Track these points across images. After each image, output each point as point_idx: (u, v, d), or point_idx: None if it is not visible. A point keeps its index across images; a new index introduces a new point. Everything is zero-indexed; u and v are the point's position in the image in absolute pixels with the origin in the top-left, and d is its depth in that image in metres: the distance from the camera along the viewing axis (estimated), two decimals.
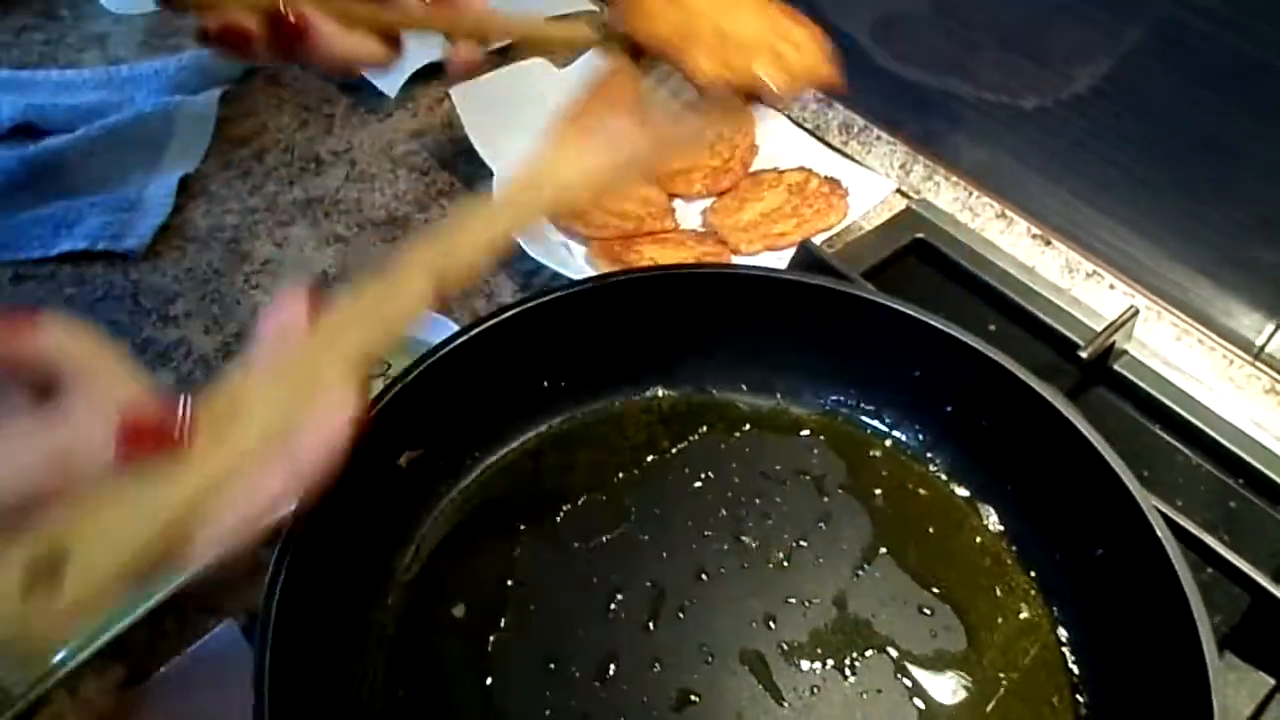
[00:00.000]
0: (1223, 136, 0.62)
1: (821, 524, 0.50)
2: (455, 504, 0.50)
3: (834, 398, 0.54)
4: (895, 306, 0.50)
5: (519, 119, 0.76)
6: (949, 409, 0.52)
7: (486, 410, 0.51)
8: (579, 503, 0.50)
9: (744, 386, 0.55)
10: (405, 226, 0.73)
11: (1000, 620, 0.47)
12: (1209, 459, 0.61)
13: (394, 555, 0.47)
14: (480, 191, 0.75)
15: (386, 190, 0.75)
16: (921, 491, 0.51)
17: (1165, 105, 0.64)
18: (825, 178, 0.73)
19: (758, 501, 0.50)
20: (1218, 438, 0.61)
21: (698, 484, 0.51)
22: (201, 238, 0.72)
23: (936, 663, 0.45)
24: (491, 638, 0.45)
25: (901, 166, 0.77)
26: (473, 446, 0.51)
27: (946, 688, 0.44)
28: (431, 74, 0.82)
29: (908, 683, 0.44)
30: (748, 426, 0.54)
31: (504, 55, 0.78)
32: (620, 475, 0.51)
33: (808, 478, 0.51)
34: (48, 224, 0.71)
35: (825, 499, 0.51)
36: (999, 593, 0.48)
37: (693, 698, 0.43)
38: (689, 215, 0.73)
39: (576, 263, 0.67)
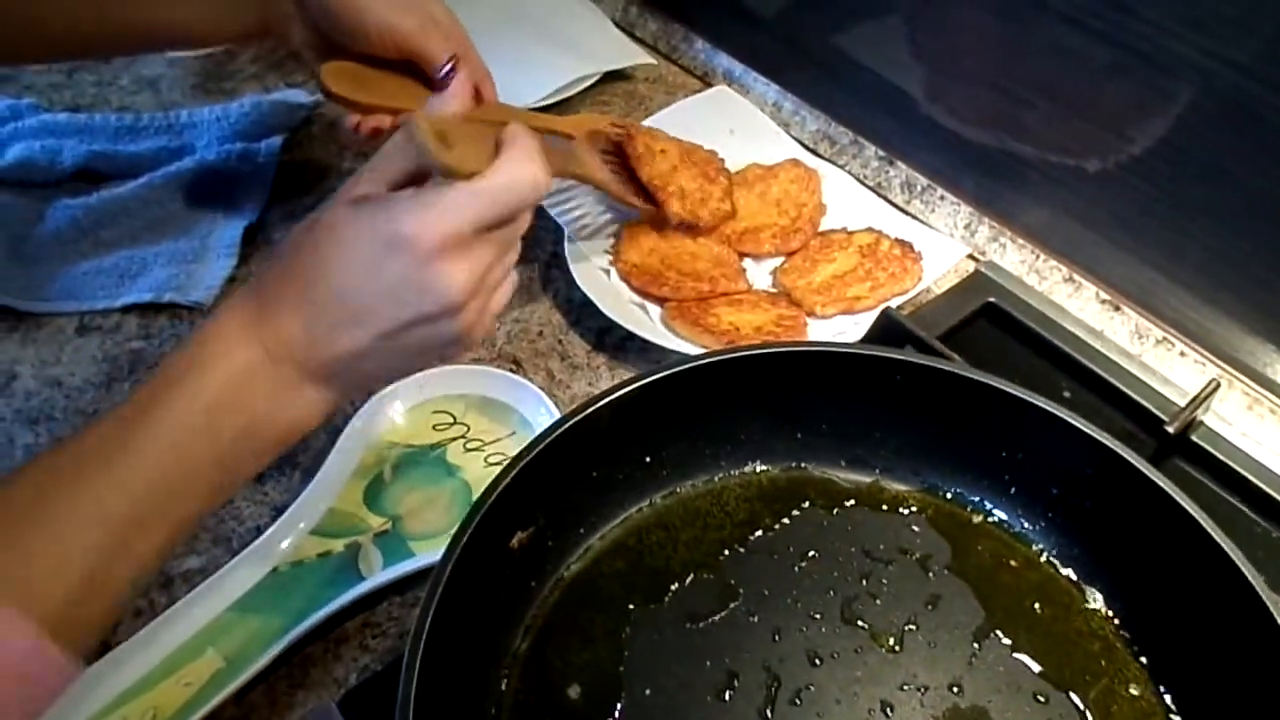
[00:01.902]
0: None
1: (930, 606, 0.49)
2: (564, 583, 0.49)
3: (933, 475, 0.54)
4: (1002, 388, 0.50)
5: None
6: (1054, 490, 0.51)
7: (592, 489, 0.51)
8: (687, 582, 0.50)
9: (842, 462, 0.54)
10: None
11: (1114, 708, 0.46)
12: None
13: (507, 636, 0.47)
14: (547, 248, 0.75)
15: None
16: (1027, 573, 0.51)
17: (1228, 171, 0.64)
18: (896, 239, 0.73)
19: (864, 582, 0.50)
20: None
21: (803, 563, 0.51)
22: None
23: None
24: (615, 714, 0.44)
25: (966, 226, 0.78)
26: (579, 525, 0.50)
27: None
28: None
29: None
30: (848, 503, 0.53)
31: None
32: (725, 553, 0.51)
33: (912, 557, 0.51)
34: (112, 274, 0.70)
35: (931, 579, 0.50)
36: (1111, 678, 0.47)
37: None
38: (759, 275, 0.73)
39: (653, 324, 0.67)
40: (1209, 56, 0.62)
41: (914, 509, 0.53)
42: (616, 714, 0.45)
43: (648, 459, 0.52)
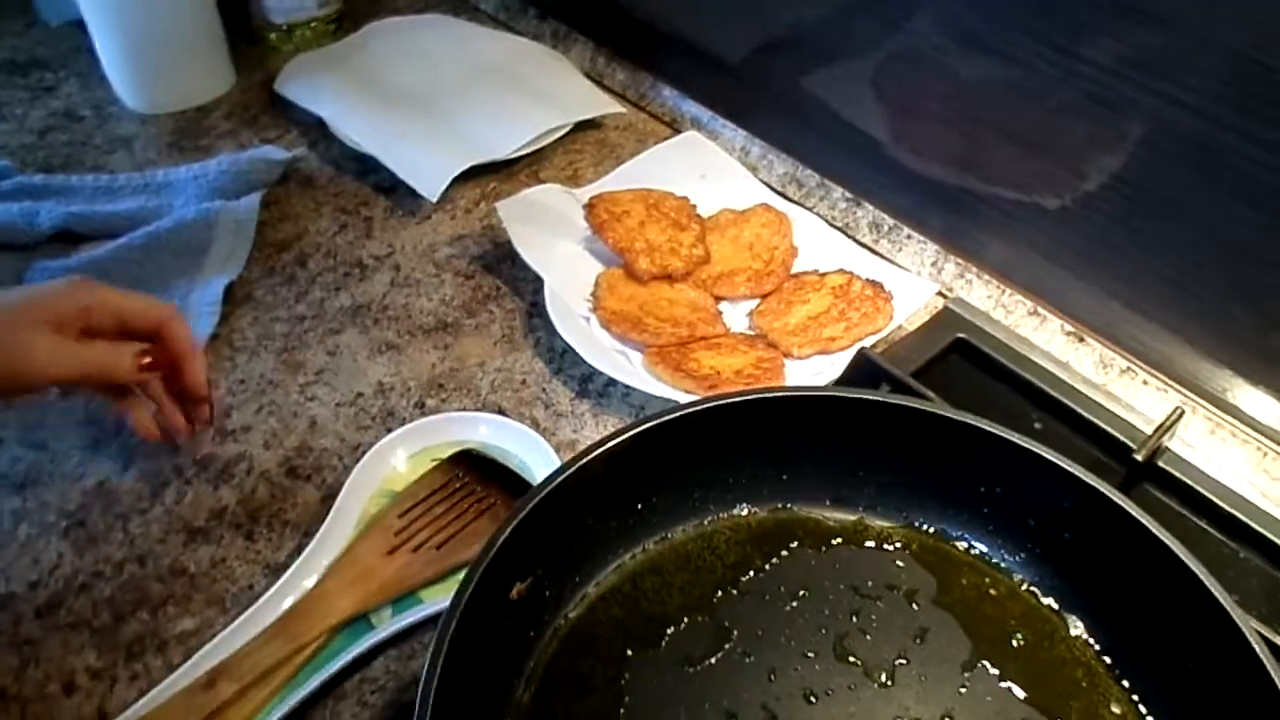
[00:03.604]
0: (1238, 234, 0.65)
1: (918, 639, 0.51)
2: (563, 632, 0.50)
3: (916, 512, 0.56)
4: (978, 425, 0.52)
5: (560, 229, 0.77)
6: (1031, 522, 0.53)
7: (587, 538, 0.52)
8: (682, 625, 0.51)
9: (827, 501, 0.56)
10: (457, 332, 0.73)
11: None
12: (1256, 552, 0.63)
13: (509, 686, 0.47)
14: (527, 297, 0.76)
15: (434, 295, 0.76)
16: (1010, 603, 0.52)
17: (1184, 205, 0.67)
18: (867, 280, 0.75)
19: (854, 619, 0.51)
20: (1263, 531, 0.63)
21: (794, 602, 0.52)
22: (251, 347, 0.71)
23: None
24: None
25: (933, 264, 0.80)
26: (575, 574, 0.51)
27: None
28: (466, 176, 0.84)
29: None
30: (835, 541, 0.55)
31: None
32: (719, 595, 0.52)
33: (899, 592, 0.53)
34: None
35: (918, 612, 0.52)
36: (1094, 701, 0.49)
37: None
38: (736, 318, 0.75)
39: (634, 370, 0.68)
40: (1159, 97, 0.65)
41: (898, 545, 0.55)
42: None
43: (639, 506, 0.53)
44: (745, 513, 0.56)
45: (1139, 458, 0.63)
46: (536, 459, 0.62)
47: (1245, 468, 0.68)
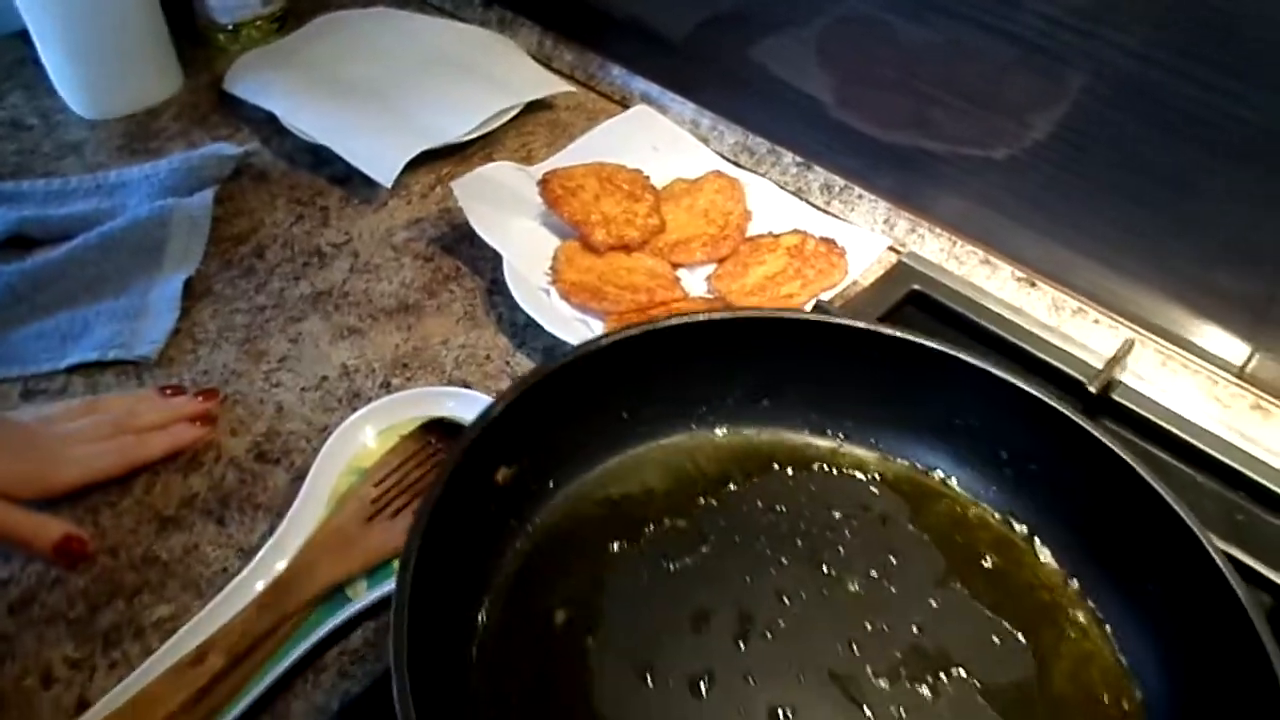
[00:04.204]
0: (1180, 173, 0.67)
1: (892, 557, 0.52)
2: (544, 524, 0.52)
3: (892, 442, 0.57)
4: (952, 353, 0.53)
5: (515, 206, 0.78)
6: (1002, 454, 0.54)
7: (572, 438, 0.53)
8: (661, 526, 0.52)
9: (807, 430, 0.58)
10: (419, 312, 0.74)
11: (1064, 648, 0.49)
12: (1211, 476, 0.65)
13: (490, 569, 0.50)
14: (486, 274, 0.77)
15: (394, 279, 0.77)
16: (981, 531, 0.54)
17: (1127, 149, 0.69)
18: (821, 239, 0.76)
19: (829, 534, 0.53)
20: (1217, 455, 0.65)
21: (771, 515, 0.54)
22: (213, 339, 0.72)
23: (1009, 686, 0.48)
24: (589, 644, 0.47)
25: (885, 221, 0.81)
26: (558, 470, 0.53)
27: (1020, 709, 0.47)
28: (419, 161, 0.84)
29: (984, 703, 0.47)
30: (813, 466, 0.56)
31: None
32: (698, 502, 0.54)
33: (874, 513, 0.54)
34: (53, 336, 0.70)
35: (893, 534, 0.53)
36: (1062, 622, 0.50)
37: (785, 713, 0.46)
38: (694, 283, 0.76)
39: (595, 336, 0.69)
40: (1098, 41, 0.66)
41: (875, 473, 0.56)
42: (596, 640, 0.47)
43: (624, 414, 0.55)
44: (727, 433, 0.57)
45: (1093, 390, 0.65)
46: None
47: (1197, 397, 0.70)
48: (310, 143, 0.85)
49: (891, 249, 0.80)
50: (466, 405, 0.64)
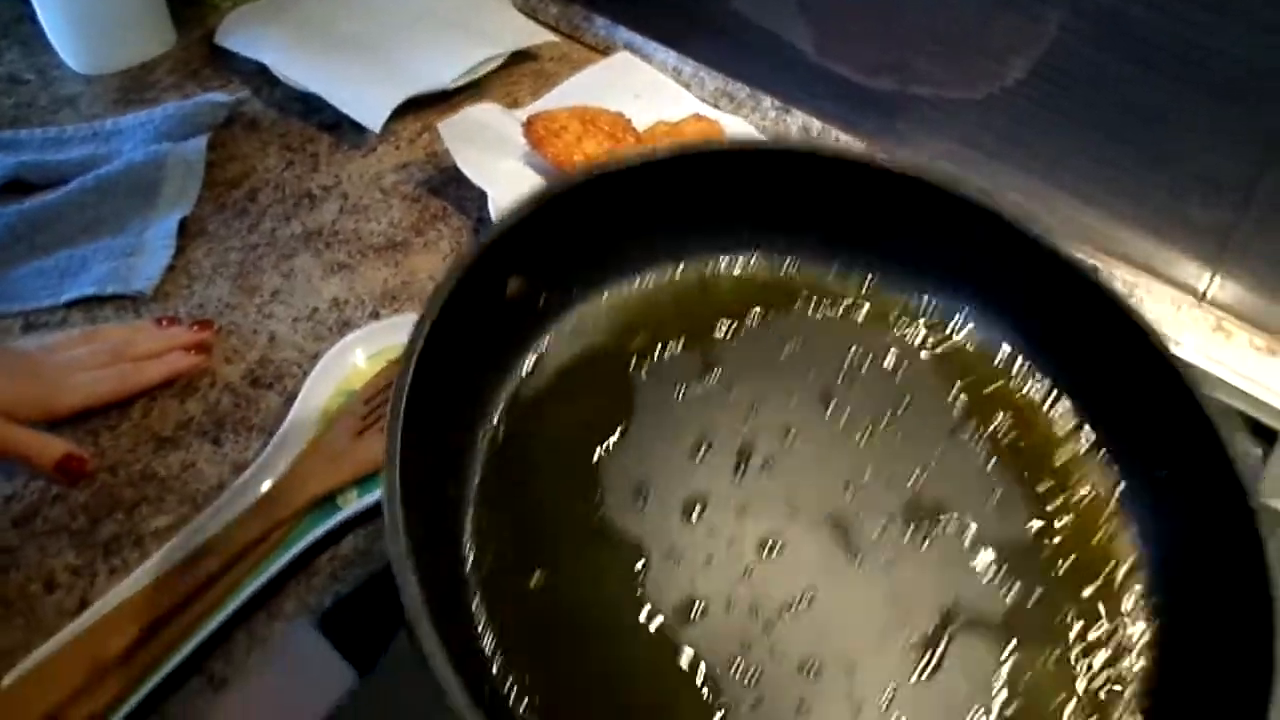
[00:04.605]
0: (1158, 109, 0.69)
1: (903, 404, 0.51)
2: (554, 343, 0.51)
3: (919, 288, 0.55)
4: (980, 201, 0.51)
5: (500, 148, 0.80)
6: (1023, 305, 0.53)
7: (586, 258, 0.52)
8: (674, 350, 0.52)
9: (836, 266, 0.56)
10: (406, 250, 0.76)
11: (1072, 501, 0.49)
12: None
13: (502, 377, 0.49)
14: (472, 213, 0.79)
15: (382, 219, 0.79)
16: (998, 384, 0.53)
17: (1103, 84, 0.70)
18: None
19: (842, 375, 0.52)
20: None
21: (785, 351, 0.52)
22: (207, 275, 0.74)
23: (1007, 540, 0.47)
24: (594, 459, 0.47)
25: None
26: (571, 289, 0.52)
27: (1020, 561, 0.46)
28: (407, 109, 0.86)
29: (984, 554, 0.46)
30: (835, 306, 0.55)
31: None
32: (709, 331, 0.53)
33: (890, 359, 0.53)
34: (52, 274, 0.72)
35: (907, 381, 0.52)
36: (1073, 478, 0.50)
37: (778, 547, 0.45)
38: None
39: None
40: None
41: (898, 319, 0.54)
42: (601, 452, 0.48)
43: (645, 240, 0.53)
44: (750, 266, 0.55)
45: None
46: None
47: (1163, 319, 0.72)
48: (300, 92, 0.87)
49: None
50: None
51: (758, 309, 0.54)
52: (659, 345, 0.52)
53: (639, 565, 0.44)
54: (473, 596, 0.43)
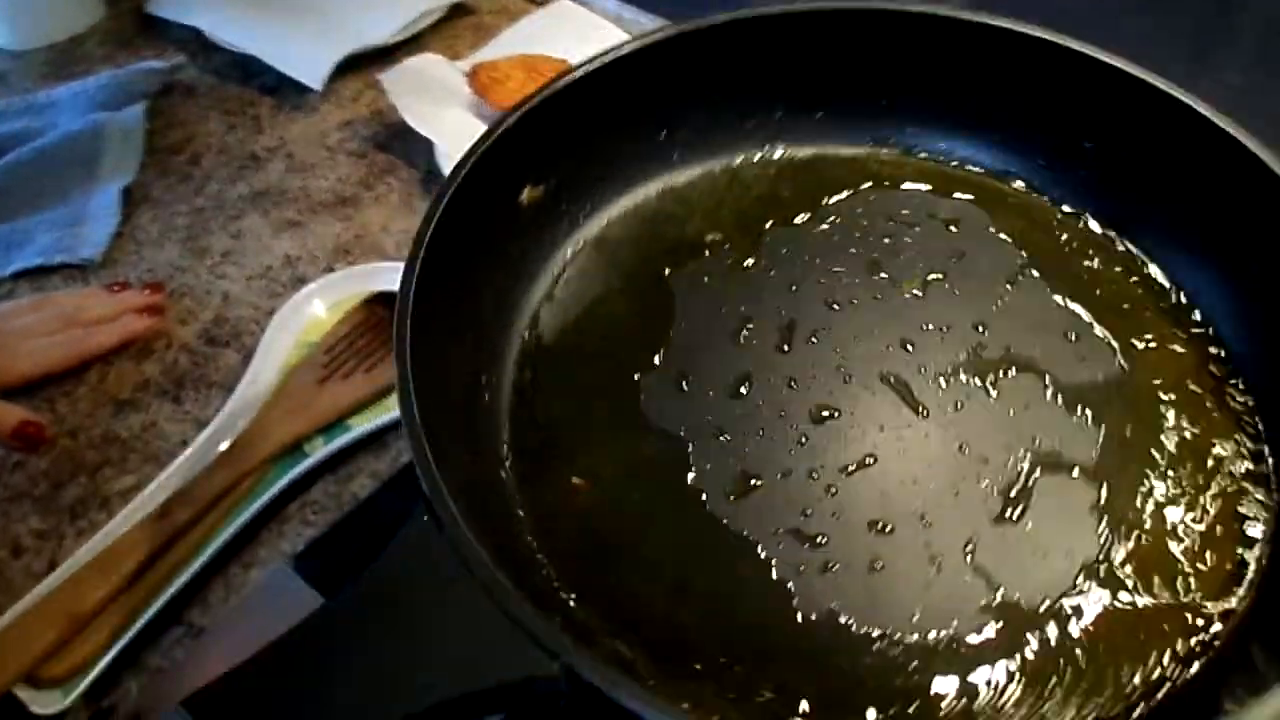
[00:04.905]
0: None
1: (957, 259, 0.49)
2: (581, 245, 0.50)
3: (964, 147, 0.54)
4: (1026, 31, 0.49)
5: (444, 98, 0.80)
6: (1085, 143, 0.51)
7: (605, 154, 0.51)
8: (705, 239, 0.50)
9: (868, 140, 0.54)
10: (357, 204, 0.75)
11: (1150, 337, 0.46)
12: None
13: (539, 277, 0.49)
14: (421, 165, 0.78)
15: (330, 175, 0.78)
16: (1061, 229, 0.51)
17: None
18: None
19: (887, 240, 0.50)
20: None
21: (824, 227, 0.50)
22: (155, 240, 0.73)
23: (1086, 380, 0.45)
24: (632, 358, 0.46)
25: None
26: (592, 189, 0.51)
27: (1098, 402, 0.44)
28: (348, 68, 0.85)
29: (1058, 398, 0.44)
30: (876, 179, 0.53)
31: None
32: (742, 220, 0.51)
33: (939, 219, 0.51)
34: None
35: (960, 236, 0.50)
36: (1148, 315, 0.47)
37: (832, 413, 0.44)
38: None
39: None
40: None
41: (944, 182, 0.53)
42: (640, 352, 0.46)
43: (662, 132, 0.52)
44: (780, 151, 0.54)
45: None
46: None
47: None
48: (238, 56, 0.86)
49: None
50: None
51: (791, 191, 0.52)
52: (689, 240, 0.50)
53: (688, 449, 0.43)
54: (512, 498, 0.42)
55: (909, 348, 0.46)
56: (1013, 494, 0.42)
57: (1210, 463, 0.43)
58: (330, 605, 0.37)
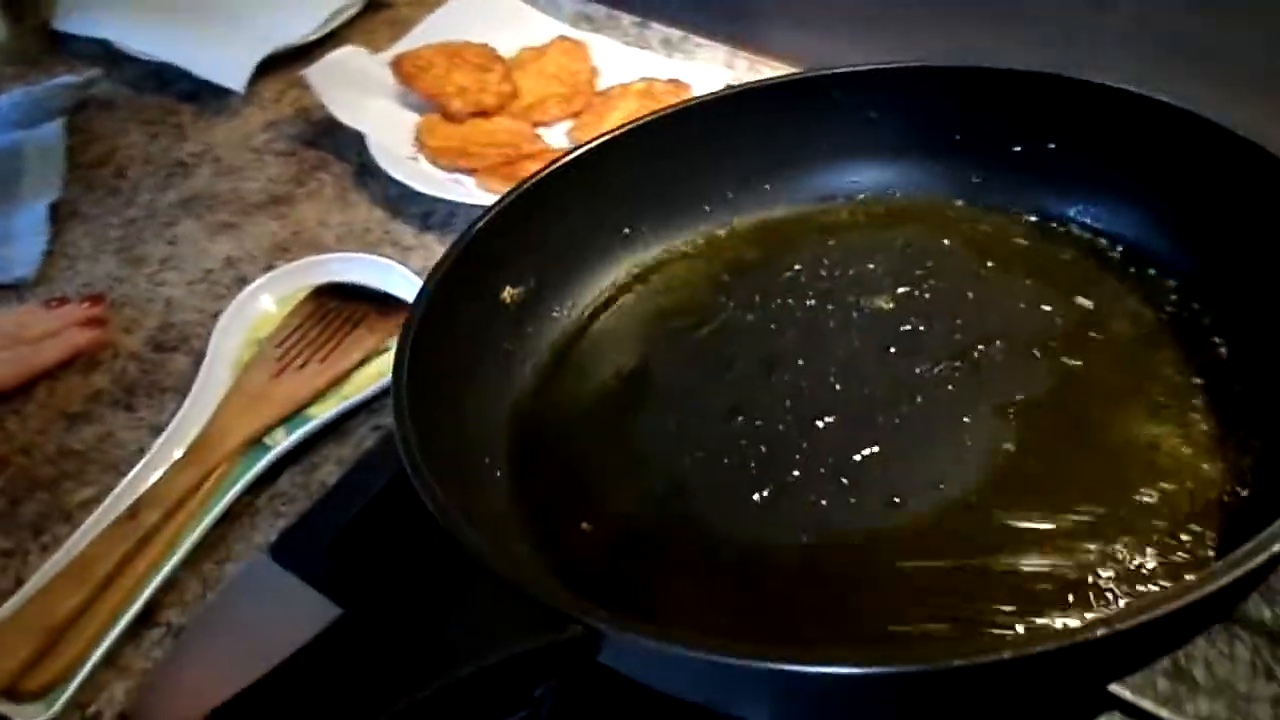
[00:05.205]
0: None
1: (920, 271, 0.53)
2: (568, 330, 0.53)
3: (903, 180, 0.57)
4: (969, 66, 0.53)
5: (370, 90, 0.80)
6: (1016, 147, 0.54)
7: (577, 252, 0.54)
8: (681, 305, 0.53)
9: (817, 197, 0.58)
10: (290, 202, 0.75)
11: (1106, 290, 0.50)
12: None
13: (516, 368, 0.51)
14: (353, 159, 0.78)
15: (260, 176, 0.78)
16: (1009, 226, 0.54)
17: None
18: (667, 80, 0.80)
19: (852, 272, 0.53)
20: None
21: (789, 274, 0.54)
22: (89, 254, 0.72)
23: (1060, 338, 0.48)
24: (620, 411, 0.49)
25: (725, 64, 0.86)
26: (571, 286, 0.54)
27: (1077, 356, 0.47)
28: (266, 69, 0.85)
29: (1039, 352, 0.47)
30: (830, 227, 0.56)
31: None
32: (715, 281, 0.54)
33: (895, 247, 0.55)
34: None
35: (917, 256, 0.54)
36: (1101, 274, 0.51)
37: (827, 420, 0.46)
38: (555, 138, 0.79)
39: (471, 191, 0.72)
40: None
41: (892, 214, 0.56)
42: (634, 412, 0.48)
43: (626, 230, 0.55)
44: (735, 224, 0.57)
45: None
46: (395, 282, 0.65)
47: None
48: (152, 66, 0.85)
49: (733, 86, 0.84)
50: (358, 268, 0.66)
51: (754, 253, 0.55)
52: (666, 308, 0.53)
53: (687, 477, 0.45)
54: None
55: (892, 352, 0.49)
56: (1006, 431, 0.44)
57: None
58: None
